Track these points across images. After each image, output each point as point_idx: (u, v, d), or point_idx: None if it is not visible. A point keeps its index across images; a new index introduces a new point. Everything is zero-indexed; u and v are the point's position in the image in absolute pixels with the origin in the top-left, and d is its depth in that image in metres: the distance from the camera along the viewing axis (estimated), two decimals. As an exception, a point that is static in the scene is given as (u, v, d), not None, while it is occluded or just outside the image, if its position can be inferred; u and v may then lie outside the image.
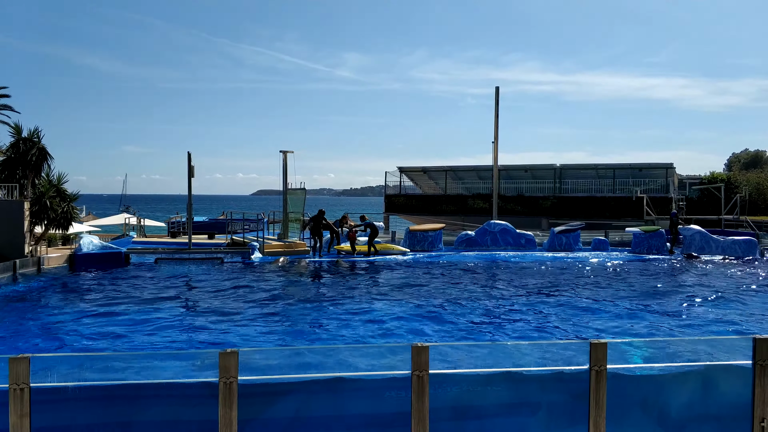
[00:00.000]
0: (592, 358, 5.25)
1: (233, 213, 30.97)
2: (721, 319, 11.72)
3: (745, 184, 39.79)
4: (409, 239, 23.83)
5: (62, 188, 20.41)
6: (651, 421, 5.66)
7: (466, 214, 36.96)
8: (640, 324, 11.36)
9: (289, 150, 23.88)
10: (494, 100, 27.44)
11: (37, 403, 4.80)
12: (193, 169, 21.68)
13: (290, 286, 16.37)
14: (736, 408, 5.57)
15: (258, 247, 21.58)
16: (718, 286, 16.03)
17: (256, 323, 11.33)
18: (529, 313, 12.36)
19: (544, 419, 5.55)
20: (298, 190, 23.88)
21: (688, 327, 11.15)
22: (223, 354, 4.92)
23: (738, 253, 22.40)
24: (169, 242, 24.31)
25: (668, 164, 35.66)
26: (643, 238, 23.91)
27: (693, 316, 12.02)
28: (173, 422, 5.26)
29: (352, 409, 5.40)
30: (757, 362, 5.39)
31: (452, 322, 11.44)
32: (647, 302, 13.52)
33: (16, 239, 18.27)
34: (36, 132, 20.24)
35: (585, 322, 11.47)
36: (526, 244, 24.23)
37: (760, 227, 30.96)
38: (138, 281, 16.42)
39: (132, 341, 9.88)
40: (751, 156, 76.66)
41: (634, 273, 18.68)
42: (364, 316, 11.95)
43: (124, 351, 9.06)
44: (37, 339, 10.07)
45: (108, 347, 9.48)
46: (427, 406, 5.05)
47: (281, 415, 5.34)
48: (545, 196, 36.39)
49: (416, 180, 43.32)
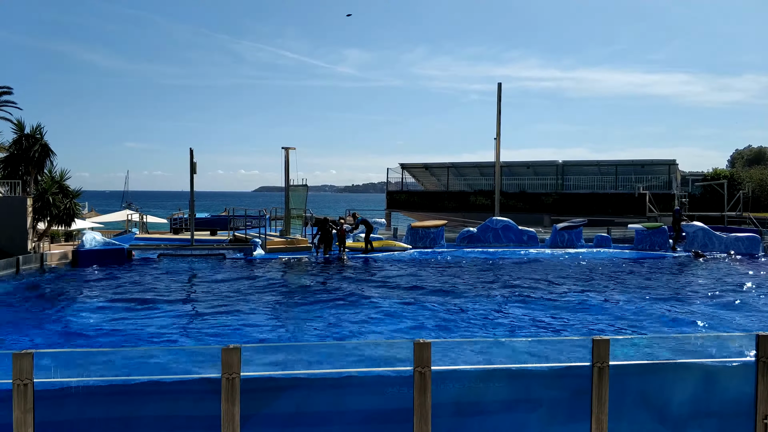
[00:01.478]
0: (594, 354, 5.25)
1: (235, 209, 30.95)
2: (723, 316, 11.71)
3: (748, 181, 39.69)
4: (411, 236, 23.82)
5: (65, 185, 20.44)
6: (653, 418, 5.65)
7: (468, 210, 36.91)
8: (643, 320, 11.35)
9: (291, 147, 23.88)
10: (496, 97, 27.40)
11: (40, 399, 4.82)
12: (195, 165, 21.69)
13: (292, 282, 16.38)
14: (739, 405, 5.56)
15: (260, 244, 21.59)
16: (721, 282, 16.01)
17: (258, 319, 11.35)
18: (530, 309, 12.35)
19: (545, 415, 5.55)
20: (300, 187, 23.87)
21: (691, 324, 11.13)
22: (226, 350, 4.93)
23: (741, 250, 22.37)
24: (172, 239, 24.30)
25: (671, 161, 35.56)
26: (645, 235, 23.87)
27: (696, 313, 12.01)
28: (175, 417, 5.27)
29: (354, 405, 5.41)
30: (761, 359, 5.38)
31: (454, 319, 11.45)
32: (649, 299, 13.51)
33: (18, 236, 18.31)
34: (38, 128, 20.27)
35: (587, 319, 11.46)
36: (528, 240, 24.21)
37: (763, 224, 30.86)
38: (140, 277, 16.44)
39: (134, 337, 9.90)
40: (754, 152, 76.42)
41: (636, 270, 18.65)
42: (366, 312, 11.96)
43: (126, 347, 9.08)
44: (39, 335, 10.10)
45: (110, 343, 9.50)
46: (429, 402, 5.05)
47: (282, 410, 5.35)
48: (547, 193, 36.31)
49: (418, 176, 43.26)
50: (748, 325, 10.91)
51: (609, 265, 19.80)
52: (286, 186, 23.87)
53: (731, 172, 41.29)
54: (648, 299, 13.47)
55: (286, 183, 23.90)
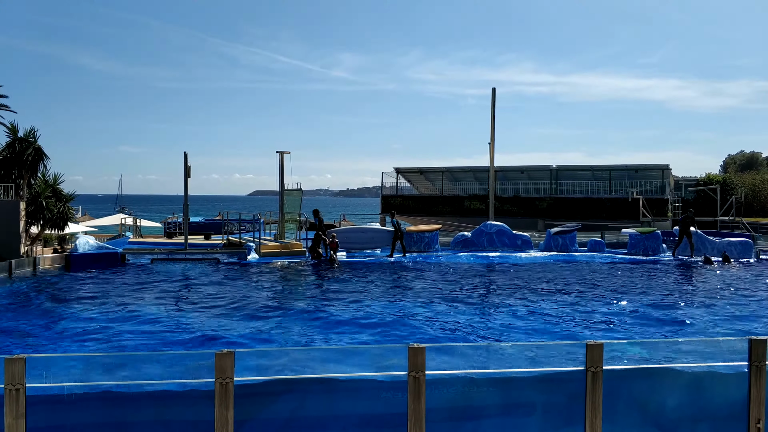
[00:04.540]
0: (588, 359, 5.26)
1: (229, 213, 30.91)
2: (716, 320, 11.75)
3: (740, 186, 39.93)
4: (406, 240, 23.83)
5: (58, 188, 20.36)
6: (646, 422, 5.67)
7: (462, 215, 36.99)
8: (636, 325, 11.38)
9: (286, 150, 23.84)
10: (491, 101, 27.47)
11: (31, 404, 4.79)
12: (189, 169, 21.63)
13: (286, 287, 16.35)
14: (731, 409, 5.58)
15: (254, 248, 21.54)
16: (713, 287, 16.08)
17: (252, 324, 11.32)
18: (524, 314, 12.37)
19: (539, 420, 5.56)
20: (295, 191, 23.84)
21: (684, 328, 11.17)
22: (220, 355, 4.92)
23: (733, 255, 22.45)
24: (166, 243, 24.23)
25: (664, 165, 35.76)
26: (639, 240, 23.94)
27: (689, 317, 12.05)
28: (168, 423, 5.24)
29: (348, 410, 5.40)
30: (753, 363, 5.41)
31: (448, 323, 11.45)
32: (643, 303, 13.55)
33: (11, 240, 18.21)
34: (32, 132, 20.18)
35: (581, 323, 11.48)
36: (522, 245, 24.25)
37: (755, 229, 31.06)
38: (134, 281, 16.38)
39: (127, 342, 9.85)
40: (746, 158, 76.94)
41: (630, 274, 18.71)
42: (360, 317, 11.95)
43: (119, 352, 9.03)
44: (31, 340, 10.04)
45: (103, 348, 9.45)
46: (424, 407, 5.05)
47: (276, 415, 5.33)
48: (541, 197, 36.44)
49: (413, 181, 43.35)
50: (741, 330, 10.95)
51: (603, 270, 19.86)
52: (281, 190, 23.83)
53: (724, 177, 41.54)
54: (641, 303, 13.50)
55: (280, 187, 23.86)
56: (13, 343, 9.73)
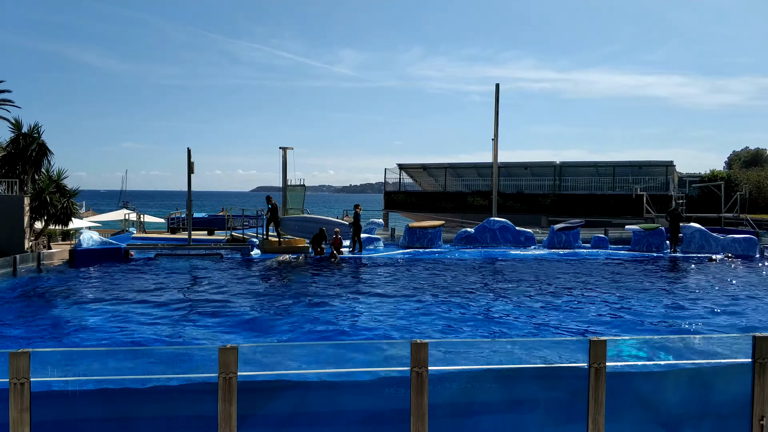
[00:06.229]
0: (591, 355, 5.26)
1: (233, 209, 30.97)
2: (720, 317, 11.73)
3: (745, 183, 39.79)
4: (409, 236, 23.83)
5: (62, 184, 20.41)
6: (649, 418, 5.66)
7: (465, 211, 36.94)
8: (639, 321, 11.36)
9: (289, 147, 23.87)
10: (494, 98, 27.42)
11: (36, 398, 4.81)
12: (192, 165, 21.68)
13: (289, 282, 16.37)
14: (735, 405, 5.58)
15: (257, 244, 21.58)
16: (717, 283, 16.04)
17: (255, 319, 11.34)
18: (527, 310, 12.36)
19: (542, 416, 5.56)
20: (298, 187, 23.87)
21: (687, 324, 11.15)
22: (223, 349, 4.93)
23: (738, 252, 22.39)
24: (169, 238, 24.31)
25: (668, 162, 35.62)
26: (642, 236, 23.88)
27: (692, 313, 12.02)
28: (172, 417, 5.26)
29: (351, 406, 5.40)
30: (757, 360, 5.40)
31: (451, 319, 11.45)
32: (646, 299, 13.53)
33: (16, 235, 18.27)
34: (36, 127, 20.22)
35: (584, 319, 11.47)
36: (526, 241, 24.22)
37: (760, 225, 30.96)
38: (137, 277, 16.41)
39: (131, 336, 9.88)
40: (751, 154, 76.56)
41: (633, 271, 18.67)
42: (363, 312, 11.96)
43: (122, 346, 9.06)
44: (36, 334, 10.08)
45: (107, 342, 9.48)
46: (426, 403, 5.05)
47: (279, 410, 5.34)
48: (545, 194, 36.35)
49: (416, 177, 43.29)
50: (745, 326, 10.93)
51: (606, 266, 19.82)
52: (284, 186, 23.86)
53: (728, 174, 41.37)
54: (644, 300, 13.48)
55: (283, 183, 23.88)
56: (18, 338, 9.77)
